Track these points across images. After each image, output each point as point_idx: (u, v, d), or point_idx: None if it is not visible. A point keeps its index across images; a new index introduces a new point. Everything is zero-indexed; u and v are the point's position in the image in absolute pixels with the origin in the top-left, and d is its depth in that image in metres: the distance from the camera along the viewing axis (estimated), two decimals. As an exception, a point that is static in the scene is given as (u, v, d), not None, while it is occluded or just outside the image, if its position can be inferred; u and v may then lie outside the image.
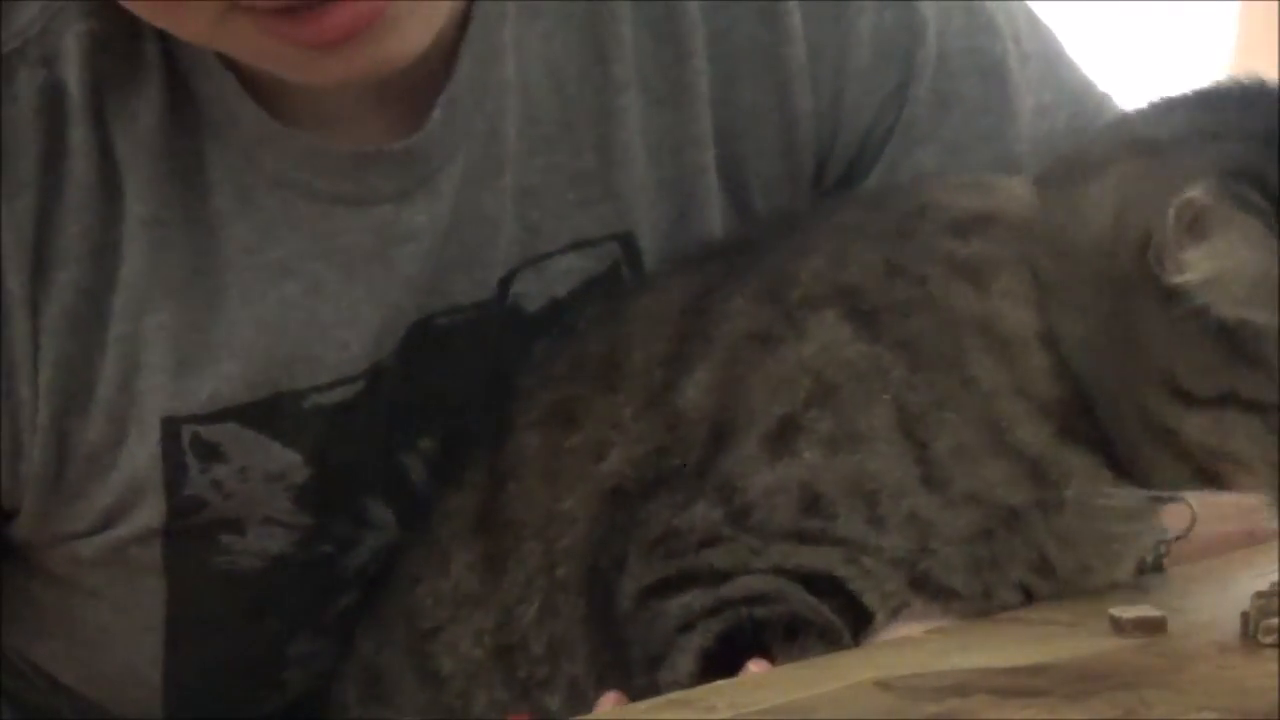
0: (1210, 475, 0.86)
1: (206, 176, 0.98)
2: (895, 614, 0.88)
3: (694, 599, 0.88)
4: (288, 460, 1.00)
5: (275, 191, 0.98)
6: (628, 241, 1.04)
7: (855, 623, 0.88)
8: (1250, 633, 0.81)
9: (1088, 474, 0.87)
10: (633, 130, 1.03)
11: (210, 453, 0.99)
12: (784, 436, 0.88)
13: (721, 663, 0.86)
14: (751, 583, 0.88)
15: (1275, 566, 0.87)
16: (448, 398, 1.03)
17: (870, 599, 0.88)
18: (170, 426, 0.98)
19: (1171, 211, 0.81)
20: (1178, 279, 0.82)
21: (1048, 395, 0.87)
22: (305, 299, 0.99)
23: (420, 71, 0.97)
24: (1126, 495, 0.88)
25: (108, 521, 1.00)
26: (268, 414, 0.99)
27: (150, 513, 0.99)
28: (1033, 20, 1.10)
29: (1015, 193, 0.93)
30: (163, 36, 0.97)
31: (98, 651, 1.06)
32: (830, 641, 0.86)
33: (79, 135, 0.97)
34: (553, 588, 0.93)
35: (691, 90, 1.03)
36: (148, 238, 0.98)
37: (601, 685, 0.91)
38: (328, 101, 0.99)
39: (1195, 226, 0.81)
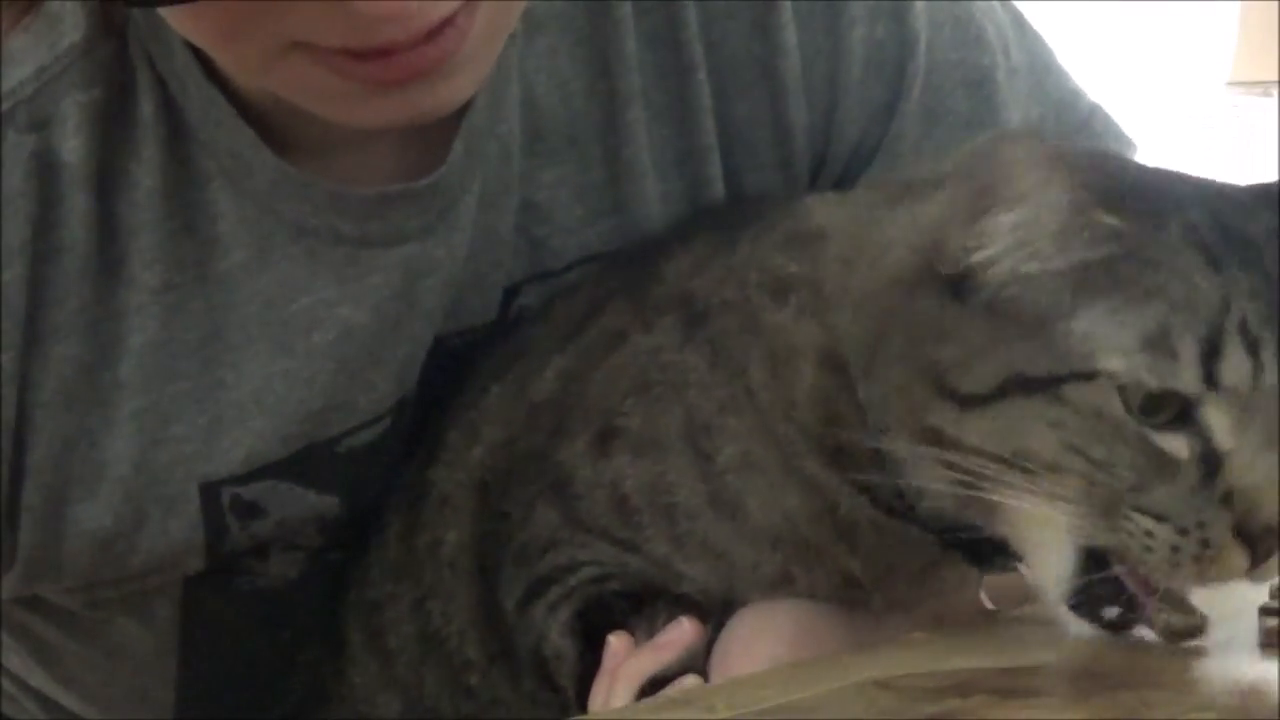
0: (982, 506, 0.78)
1: (219, 231, 0.95)
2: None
3: (549, 595, 0.90)
4: (324, 504, 0.99)
5: (299, 240, 0.96)
6: None
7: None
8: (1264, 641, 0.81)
9: (857, 509, 0.84)
10: (640, 144, 1.02)
11: (250, 511, 0.97)
12: (605, 437, 0.89)
13: (594, 635, 0.88)
14: (591, 571, 0.90)
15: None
16: None
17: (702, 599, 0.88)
18: (209, 491, 0.96)
19: (990, 167, 0.77)
20: (972, 258, 0.77)
21: (809, 420, 0.84)
22: (334, 347, 0.97)
23: None
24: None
25: (133, 581, 0.98)
26: (303, 464, 0.97)
27: (187, 568, 0.98)
28: (1022, 31, 1.09)
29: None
30: (163, 90, 0.94)
31: (107, 675, 1.05)
32: (685, 609, 0.87)
33: (78, 206, 0.93)
34: (452, 573, 0.96)
35: (695, 103, 1.02)
36: (160, 305, 0.94)
37: (491, 672, 0.94)
38: (340, 144, 0.96)
39: (1003, 189, 0.76)
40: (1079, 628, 0.78)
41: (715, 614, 0.87)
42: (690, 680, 0.84)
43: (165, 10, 0.86)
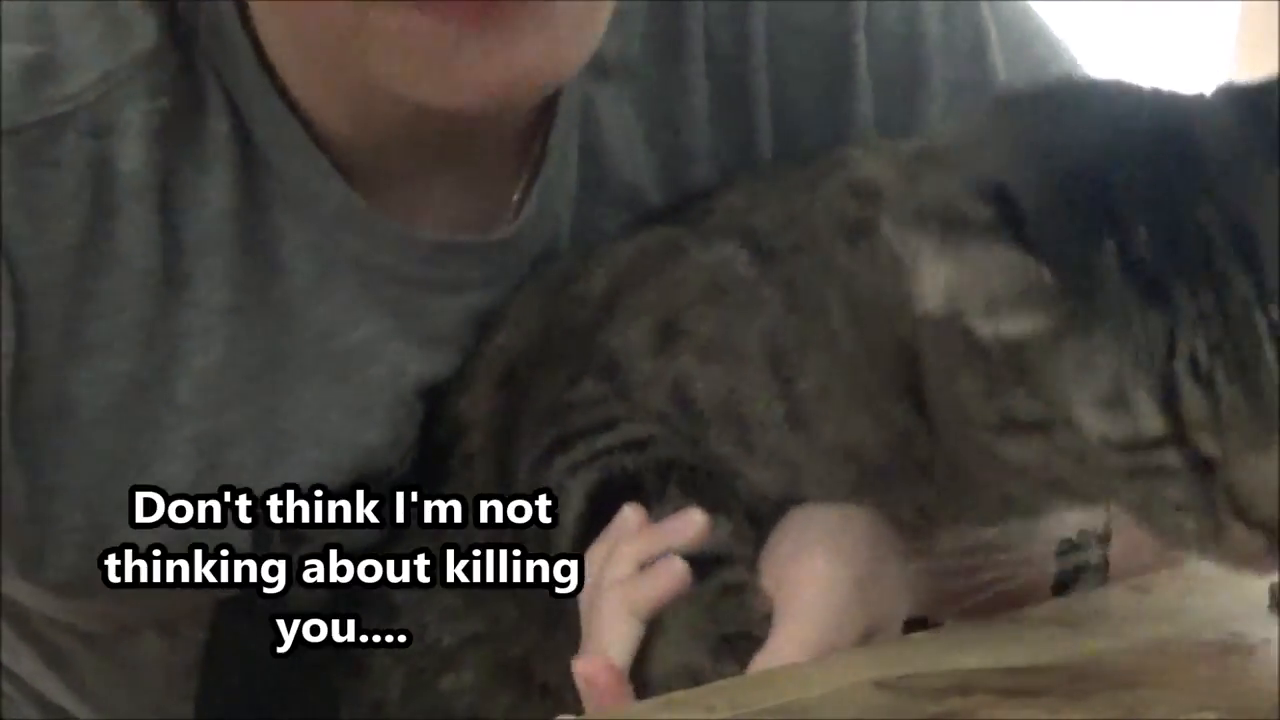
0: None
1: (282, 256, 0.94)
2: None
3: (576, 452, 0.89)
4: (367, 532, 0.98)
5: (358, 273, 0.95)
6: None
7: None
8: (1272, 605, 0.82)
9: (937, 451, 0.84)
10: None
11: (297, 539, 0.96)
12: (668, 333, 0.89)
13: (605, 508, 0.86)
14: (629, 430, 0.89)
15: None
16: None
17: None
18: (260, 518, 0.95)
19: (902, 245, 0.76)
20: (926, 306, 0.77)
21: (896, 368, 0.83)
22: (390, 381, 0.96)
23: (502, 155, 0.96)
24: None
25: (169, 608, 0.98)
26: (353, 494, 0.96)
27: (223, 592, 0.97)
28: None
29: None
30: (234, 112, 0.92)
31: (125, 689, 1.04)
32: (694, 491, 0.86)
33: (137, 218, 0.90)
34: (466, 466, 0.95)
35: (758, 160, 1.02)
36: (227, 326, 0.93)
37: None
38: (403, 179, 0.95)
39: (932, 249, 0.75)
40: None
41: (768, 516, 0.86)
42: (678, 565, 0.82)
43: None
